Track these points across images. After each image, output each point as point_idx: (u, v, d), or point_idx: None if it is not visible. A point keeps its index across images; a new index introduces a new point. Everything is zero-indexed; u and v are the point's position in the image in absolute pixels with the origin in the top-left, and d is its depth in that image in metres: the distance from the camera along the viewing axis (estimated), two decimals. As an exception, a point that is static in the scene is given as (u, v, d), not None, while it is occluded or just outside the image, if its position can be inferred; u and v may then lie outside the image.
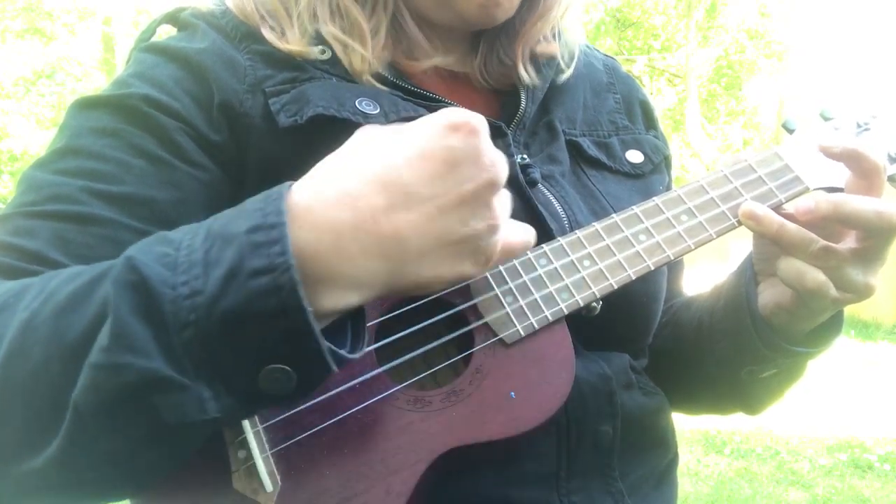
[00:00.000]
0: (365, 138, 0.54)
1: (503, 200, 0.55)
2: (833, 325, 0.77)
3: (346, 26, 0.75)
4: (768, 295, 0.75)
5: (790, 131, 0.79)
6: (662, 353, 0.84)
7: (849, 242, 0.70)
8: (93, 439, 0.49)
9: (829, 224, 0.70)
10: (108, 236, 0.63)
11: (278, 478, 0.58)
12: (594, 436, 0.70)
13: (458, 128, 0.51)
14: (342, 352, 0.51)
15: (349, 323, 0.54)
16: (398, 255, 0.50)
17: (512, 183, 0.73)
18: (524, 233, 0.60)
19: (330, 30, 0.74)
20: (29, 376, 0.50)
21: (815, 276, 0.67)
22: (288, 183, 0.52)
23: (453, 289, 0.64)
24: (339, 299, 0.50)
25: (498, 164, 0.53)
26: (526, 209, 0.72)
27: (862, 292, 0.70)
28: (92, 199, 0.63)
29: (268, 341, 0.48)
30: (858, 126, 0.79)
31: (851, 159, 0.70)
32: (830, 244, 0.68)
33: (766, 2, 14.84)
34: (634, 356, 0.78)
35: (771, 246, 0.74)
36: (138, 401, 0.47)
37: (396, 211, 0.50)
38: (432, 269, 0.52)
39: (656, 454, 0.79)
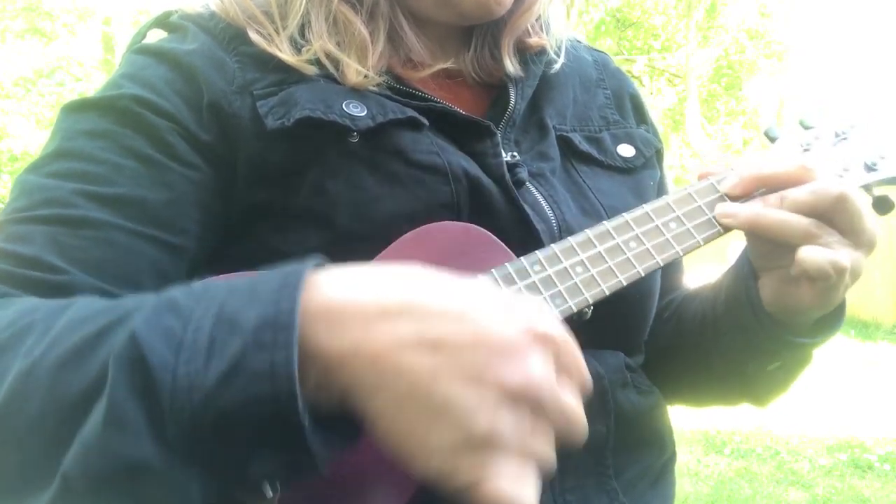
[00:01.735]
0: (425, 271, 0.50)
1: (540, 439, 0.47)
2: (836, 313, 0.77)
3: (342, 40, 0.74)
4: (772, 291, 0.74)
5: (772, 140, 0.81)
6: (667, 347, 0.84)
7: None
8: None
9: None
10: (102, 238, 0.63)
11: (278, 483, 0.58)
12: (587, 434, 0.71)
13: (537, 327, 0.47)
14: (335, 440, 0.49)
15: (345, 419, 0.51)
16: (397, 392, 0.45)
17: (499, 183, 0.73)
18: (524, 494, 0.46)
19: (325, 46, 0.73)
20: (25, 426, 0.49)
21: (825, 252, 0.66)
22: (312, 263, 0.49)
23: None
24: (328, 398, 0.48)
25: (545, 382, 0.46)
26: (512, 210, 0.72)
27: (871, 241, 0.69)
28: (85, 201, 0.63)
29: (260, 441, 0.47)
30: (836, 136, 0.80)
31: (772, 184, 0.71)
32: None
33: (766, 2, 14.84)
34: (629, 354, 0.78)
35: (767, 241, 0.74)
36: (126, 483, 0.47)
37: (419, 353, 0.45)
38: (406, 427, 0.46)
39: (652, 453, 0.79)
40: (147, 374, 0.46)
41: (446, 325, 0.46)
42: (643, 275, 0.69)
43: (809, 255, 0.66)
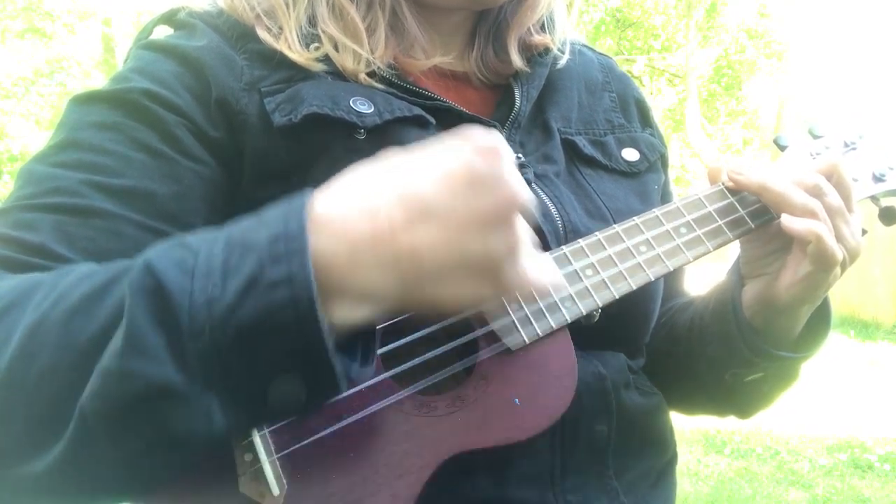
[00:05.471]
0: (392, 158, 0.53)
1: (525, 231, 0.53)
2: (819, 330, 0.79)
3: (342, 26, 0.75)
4: (755, 292, 0.76)
5: (782, 148, 0.82)
6: (659, 353, 0.85)
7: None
8: (98, 445, 0.49)
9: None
10: (109, 229, 0.63)
11: (285, 481, 0.58)
12: (588, 434, 0.71)
13: (481, 151, 0.50)
14: (352, 368, 0.51)
15: (360, 340, 0.54)
16: (414, 271, 0.49)
17: None
18: (547, 272, 0.56)
19: (327, 30, 0.74)
20: (35, 379, 0.49)
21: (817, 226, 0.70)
22: (308, 190, 0.52)
23: (470, 313, 0.62)
24: (351, 311, 0.50)
25: (518, 187, 0.51)
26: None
27: (855, 248, 0.73)
28: (93, 191, 0.63)
29: (280, 353, 0.48)
30: (846, 145, 0.82)
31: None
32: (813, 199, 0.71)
33: (766, 2, 14.82)
34: (631, 356, 0.79)
35: (758, 248, 0.77)
36: (147, 408, 0.47)
37: (415, 226, 0.49)
38: (450, 289, 0.51)
39: (653, 453, 0.79)
40: (164, 298, 0.47)
41: (432, 197, 0.50)
42: (653, 279, 0.69)
43: (792, 221, 0.70)
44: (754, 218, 0.74)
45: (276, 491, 0.58)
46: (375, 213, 0.49)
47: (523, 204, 0.51)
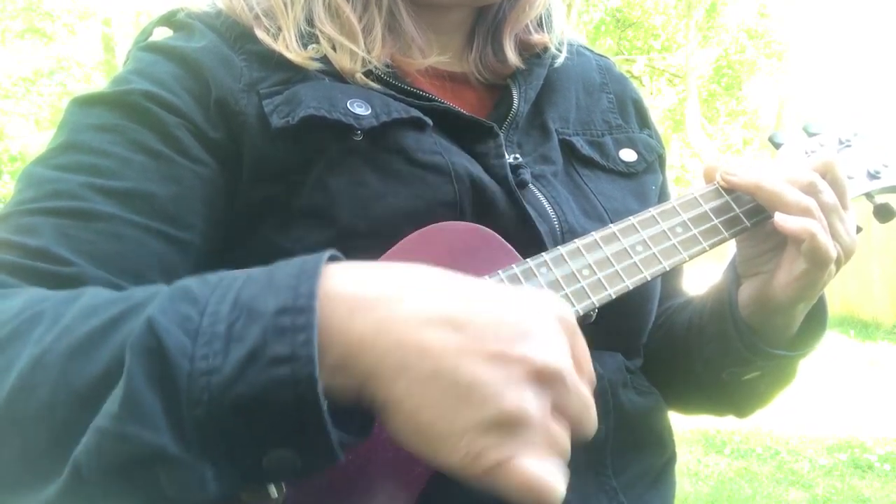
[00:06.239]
0: (453, 274, 0.50)
1: (559, 426, 0.47)
2: (815, 328, 0.79)
3: (338, 25, 0.75)
4: (750, 291, 0.77)
5: (777, 146, 0.82)
6: (656, 353, 0.85)
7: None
8: (92, 497, 0.48)
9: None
10: (110, 231, 0.63)
11: (283, 485, 0.58)
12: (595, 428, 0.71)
13: (558, 315, 0.47)
14: (349, 438, 0.49)
15: (358, 410, 0.50)
16: (394, 361, 0.45)
17: (502, 184, 0.74)
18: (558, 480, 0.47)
19: (324, 30, 0.74)
20: (33, 415, 0.49)
21: (811, 224, 0.69)
22: (328, 253, 0.50)
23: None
24: (333, 378, 0.47)
25: (568, 366, 0.46)
26: (515, 211, 0.73)
27: (850, 245, 0.73)
28: (93, 194, 0.63)
29: (277, 429, 0.46)
30: (840, 143, 0.82)
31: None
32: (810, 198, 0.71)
33: (766, 2, 14.83)
34: (629, 356, 0.79)
35: (754, 247, 0.77)
36: (141, 471, 0.46)
37: (431, 327, 0.45)
38: (430, 410, 0.45)
39: (652, 453, 0.79)
40: (165, 361, 0.46)
41: (468, 304, 0.46)
42: (650, 279, 0.69)
43: (786, 219, 0.70)
44: (750, 216, 0.75)
45: (275, 494, 0.58)
46: (407, 305, 0.46)
47: (566, 380, 0.46)
